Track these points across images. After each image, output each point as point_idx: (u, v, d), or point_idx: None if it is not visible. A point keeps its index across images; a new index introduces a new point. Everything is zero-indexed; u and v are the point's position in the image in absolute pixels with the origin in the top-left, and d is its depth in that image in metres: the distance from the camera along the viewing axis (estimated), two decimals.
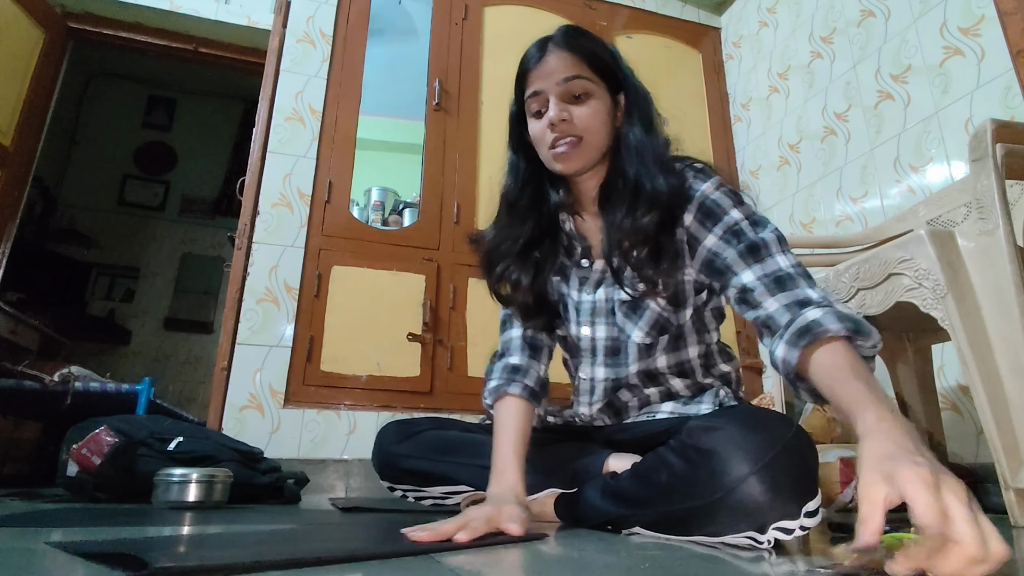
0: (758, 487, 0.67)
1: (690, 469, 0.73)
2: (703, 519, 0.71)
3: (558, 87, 0.92)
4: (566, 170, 0.95)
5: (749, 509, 0.67)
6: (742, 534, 0.69)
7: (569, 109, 0.92)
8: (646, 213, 0.88)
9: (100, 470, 1.34)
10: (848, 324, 0.69)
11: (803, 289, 0.78)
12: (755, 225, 0.87)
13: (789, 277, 0.80)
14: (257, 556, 0.57)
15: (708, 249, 0.88)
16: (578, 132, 0.92)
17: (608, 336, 0.99)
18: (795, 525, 0.68)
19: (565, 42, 0.94)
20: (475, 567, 0.59)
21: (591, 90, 0.93)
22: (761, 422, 0.73)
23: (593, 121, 0.92)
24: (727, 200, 0.89)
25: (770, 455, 0.67)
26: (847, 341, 0.69)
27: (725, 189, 0.90)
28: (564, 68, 0.92)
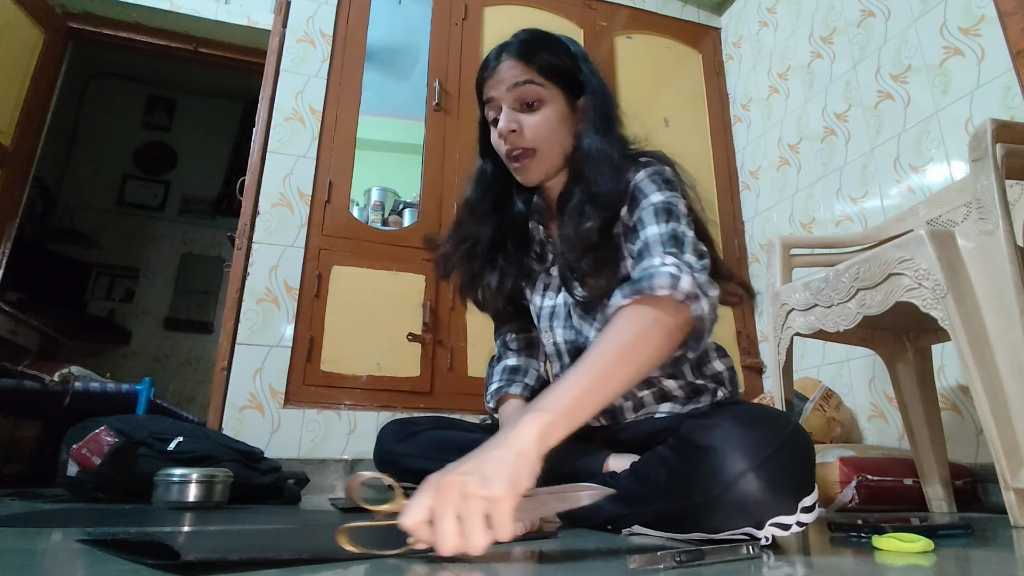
0: (756, 484, 0.67)
1: (688, 466, 0.73)
2: (701, 516, 0.71)
3: (509, 94, 0.92)
4: (525, 182, 0.95)
5: (747, 506, 0.68)
6: (739, 531, 0.69)
7: (519, 119, 0.92)
8: (589, 219, 0.88)
9: (100, 470, 1.34)
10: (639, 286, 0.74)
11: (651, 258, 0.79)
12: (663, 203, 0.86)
13: (646, 247, 0.81)
14: (266, 552, 0.57)
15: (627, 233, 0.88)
16: (528, 144, 0.92)
17: (567, 339, 1.00)
18: (792, 521, 0.68)
19: (517, 49, 0.94)
20: (475, 567, 0.59)
21: (543, 96, 0.92)
22: (758, 419, 0.74)
23: (544, 130, 0.92)
24: (652, 185, 0.87)
25: (767, 452, 0.68)
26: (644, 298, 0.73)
27: (654, 175, 0.88)
28: (514, 75, 0.92)
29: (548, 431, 0.60)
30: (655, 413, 0.99)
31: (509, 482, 0.54)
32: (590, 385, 0.66)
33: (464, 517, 0.53)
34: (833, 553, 0.72)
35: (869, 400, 1.96)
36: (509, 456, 0.57)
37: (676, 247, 0.80)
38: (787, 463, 0.69)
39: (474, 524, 0.52)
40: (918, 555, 0.68)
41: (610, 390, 0.68)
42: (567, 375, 0.67)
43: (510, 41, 0.96)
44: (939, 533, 0.84)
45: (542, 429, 0.60)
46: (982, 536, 0.89)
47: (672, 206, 0.85)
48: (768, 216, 2.55)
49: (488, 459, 0.57)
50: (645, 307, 0.74)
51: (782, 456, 0.68)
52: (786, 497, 0.68)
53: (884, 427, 1.90)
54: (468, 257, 1.01)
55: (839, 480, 1.47)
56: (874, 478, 1.46)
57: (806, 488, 0.70)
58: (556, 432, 0.61)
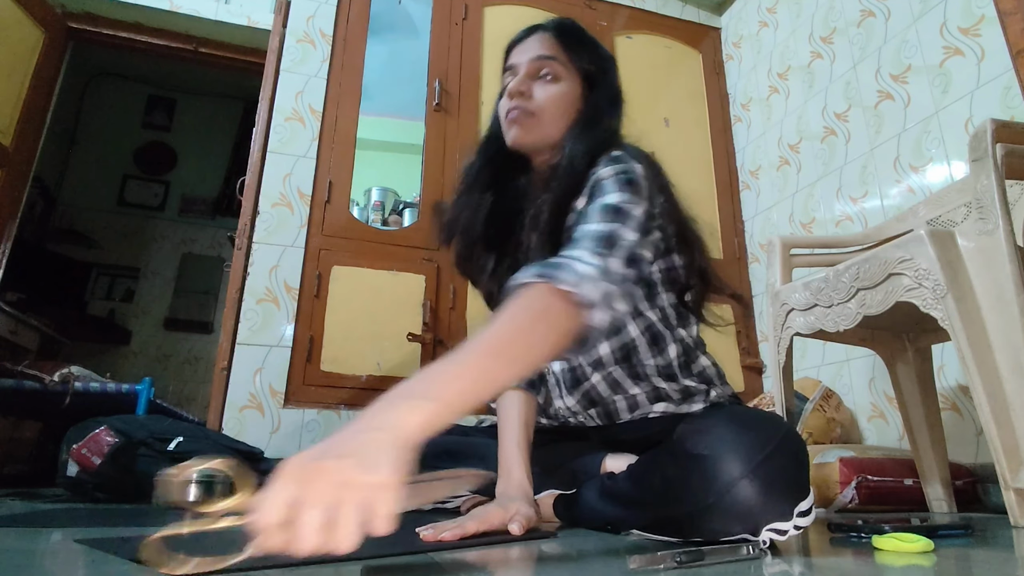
0: (750, 490, 0.66)
1: (682, 473, 0.73)
2: (697, 522, 0.71)
3: (530, 63, 0.93)
4: (515, 140, 0.93)
5: (742, 512, 0.67)
6: (736, 536, 0.69)
7: (532, 86, 0.93)
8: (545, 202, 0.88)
9: (100, 470, 1.34)
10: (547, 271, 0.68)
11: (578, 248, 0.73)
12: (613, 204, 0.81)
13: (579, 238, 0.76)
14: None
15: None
16: (532, 108, 0.92)
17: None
18: (788, 526, 0.68)
19: (553, 27, 0.97)
20: (475, 567, 0.59)
21: (561, 74, 0.93)
22: (752, 422, 0.73)
23: (550, 103, 0.92)
24: (612, 184, 0.81)
25: (761, 456, 0.67)
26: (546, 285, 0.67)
27: (619, 174, 0.82)
28: (541, 46, 0.94)
29: (430, 422, 0.53)
30: (649, 413, 0.98)
31: (393, 468, 0.47)
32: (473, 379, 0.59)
33: (340, 508, 0.44)
34: (833, 553, 0.72)
35: (869, 400, 1.96)
36: (390, 440, 0.49)
37: (606, 247, 0.73)
38: (781, 467, 0.68)
39: (350, 516, 0.44)
40: (918, 555, 0.68)
41: (493, 384, 0.62)
42: (448, 360, 0.60)
43: (547, 22, 0.98)
44: (939, 533, 0.84)
45: (425, 420, 0.52)
46: (982, 536, 0.89)
47: (624, 208, 0.78)
48: (768, 216, 2.55)
49: (367, 442, 0.48)
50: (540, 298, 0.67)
51: (776, 460, 0.68)
52: (781, 502, 0.68)
53: (884, 427, 1.90)
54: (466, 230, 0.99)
55: (839, 480, 1.47)
56: (874, 478, 1.46)
57: (801, 492, 0.69)
58: (437, 424, 0.53)
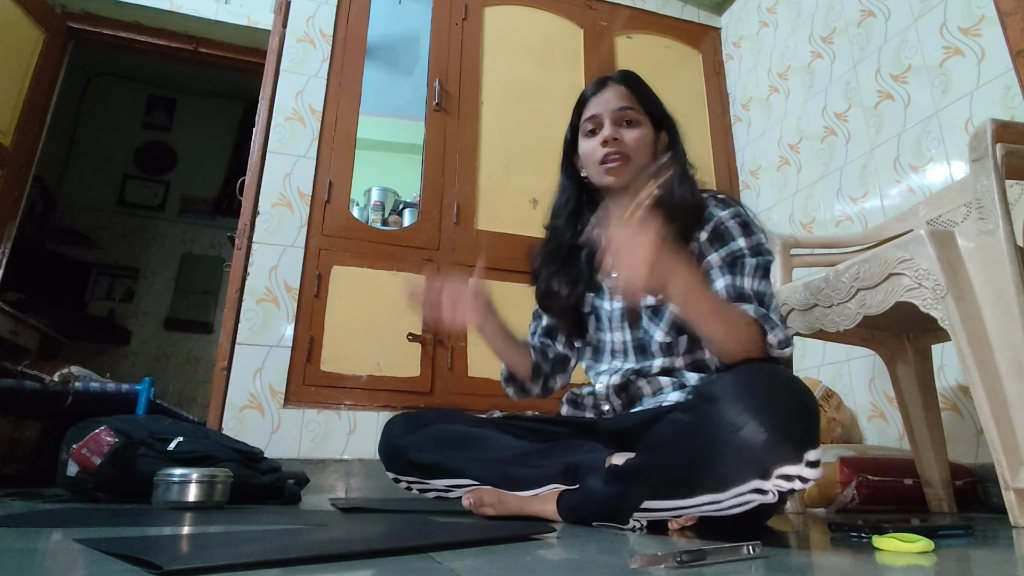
0: (758, 427, 0.70)
1: (693, 417, 0.78)
2: (707, 469, 0.74)
3: (613, 113, 1.11)
4: (614, 183, 1.09)
5: (753, 451, 0.70)
6: (747, 485, 0.70)
7: (620, 132, 1.10)
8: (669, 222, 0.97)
9: (100, 470, 1.34)
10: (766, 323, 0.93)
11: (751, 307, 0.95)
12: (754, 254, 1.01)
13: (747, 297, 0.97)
14: (260, 555, 0.57)
15: (710, 267, 1.02)
16: (627, 151, 1.09)
17: (635, 337, 1.11)
18: (797, 471, 0.70)
19: (624, 80, 1.15)
20: (475, 567, 0.59)
21: (640, 120, 1.11)
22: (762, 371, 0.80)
23: (640, 144, 1.10)
24: (738, 229, 1.02)
25: (768, 394, 0.72)
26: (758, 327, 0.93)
27: (740, 220, 1.03)
28: (619, 99, 1.12)
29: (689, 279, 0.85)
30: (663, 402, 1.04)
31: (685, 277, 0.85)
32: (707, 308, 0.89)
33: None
34: (833, 553, 0.72)
35: (869, 400, 1.96)
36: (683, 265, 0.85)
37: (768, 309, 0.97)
38: (790, 411, 0.72)
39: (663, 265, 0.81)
40: (918, 555, 0.68)
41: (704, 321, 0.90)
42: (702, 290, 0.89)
43: (614, 74, 1.17)
44: (939, 533, 0.84)
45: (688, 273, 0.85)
46: (982, 536, 0.89)
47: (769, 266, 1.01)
48: (768, 216, 2.55)
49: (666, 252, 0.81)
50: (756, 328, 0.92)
51: (783, 400, 0.72)
52: (790, 443, 0.70)
53: (884, 427, 1.90)
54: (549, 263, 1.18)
55: (840, 480, 1.47)
56: (874, 478, 1.46)
57: (810, 439, 0.72)
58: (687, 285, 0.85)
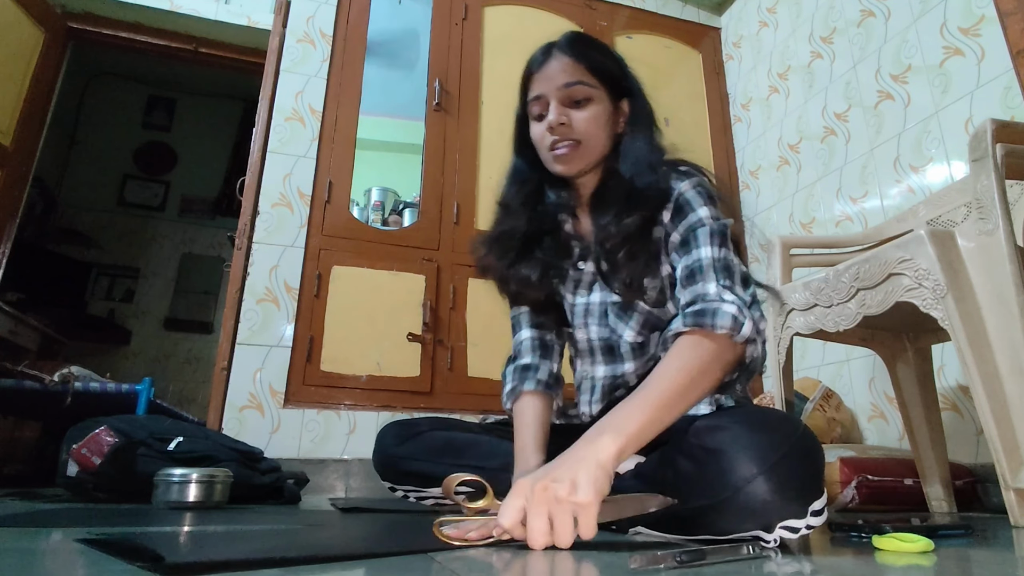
0: (765, 487, 0.66)
1: (696, 469, 0.73)
2: (709, 518, 0.71)
3: (559, 92, 0.95)
4: (565, 171, 0.98)
5: (756, 509, 0.67)
6: (748, 533, 0.69)
7: (569, 113, 0.95)
8: (630, 214, 0.91)
9: (100, 470, 1.34)
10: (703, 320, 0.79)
11: (706, 284, 0.84)
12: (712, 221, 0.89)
13: (700, 270, 0.85)
14: (260, 554, 0.57)
15: (672, 244, 0.92)
16: (576, 136, 0.95)
17: (601, 337, 1.01)
18: (801, 524, 0.68)
19: (569, 48, 0.97)
20: (475, 567, 0.59)
21: (592, 95, 0.96)
22: (768, 422, 0.73)
23: (591, 126, 0.95)
24: (698, 199, 0.91)
25: (777, 455, 0.67)
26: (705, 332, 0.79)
27: (700, 188, 0.92)
28: (566, 74, 0.95)
29: (622, 451, 0.68)
30: None
31: (594, 490, 0.63)
32: (655, 416, 0.73)
33: (555, 518, 0.62)
34: (833, 553, 0.72)
35: (869, 400, 1.96)
36: (593, 467, 0.65)
37: (728, 277, 0.84)
38: (797, 467, 0.68)
39: (565, 525, 0.62)
40: (918, 555, 0.68)
41: (670, 419, 0.74)
42: (637, 398, 0.74)
43: (559, 40, 0.99)
44: (939, 533, 0.84)
45: (619, 450, 0.68)
46: (982, 536, 0.89)
47: (726, 230, 0.88)
48: (768, 216, 2.55)
49: (574, 469, 0.65)
50: (706, 340, 0.79)
51: (792, 460, 0.68)
52: (795, 501, 0.68)
53: (884, 427, 1.90)
54: (504, 251, 1.03)
55: (839, 480, 1.47)
56: (874, 478, 1.46)
57: (815, 492, 0.69)
58: (627, 452, 0.69)
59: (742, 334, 0.78)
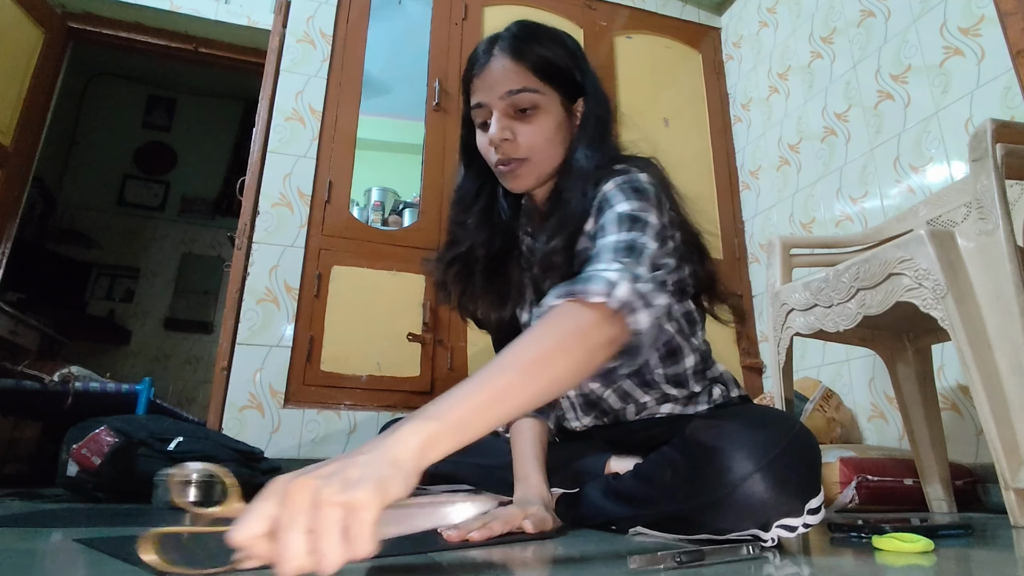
0: (762, 485, 0.66)
1: (694, 467, 0.73)
2: (707, 517, 0.71)
3: (502, 101, 0.85)
4: (514, 189, 0.90)
5: (753, 506, 0.67)
6: (746, 532, 0.69)
7: (513, 127, 0.85)
8: (555, 236, 0.84)
9: (100, 470, 1.34)
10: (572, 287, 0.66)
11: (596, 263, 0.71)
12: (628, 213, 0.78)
13: (597, 254, 0.73)
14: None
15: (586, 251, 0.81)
16: (521, 154, 0.85)
17: None
18: (798, 523, 0.68)
19: (512, 48, 0.86)
20: (475, 567, 0.59)
21: (538, 103, 0.85)
22: (764, 420, 0.73)
23: (538, 139, 0.86)
24: (619, 195, 0.79)
25: (774, 453, 0.67)
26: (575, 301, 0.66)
27: (624, 184, 0.80)
28: (508, 80, 0.84)
29: (432, 442, 0.50)
30: (656, 414, 0.99)
31: (376, 488, 0.45)
32: (490, 398, 0.56)
33: (317, 528, 0.42)
34: (833, 553, 0.72)
35: (869, 400, 1.96)
36: (380, 462, 0.48)
37: (629, 256, 0.71)
38: (793, 464, 0.68)
39: (328, 536, 0.42)
40: (918, 555, 0.68)
41: (513, 405, 0.58)
42: (466, 382, 0.57)
43: (502, 35, 0.88)
44: (939, 533, 0.84)
45: (426, 439, 0.50)
46: (982, 536, 0.89)
47: (639, 216, 0.76)
48: (768, 216, 2.55)
49: (354, 463, 0.47)
50: (571, 314, 0.65)
51: (788, 457, 0.68)
52: (792, 498, 0.68)
53: (884, 427, 1.90)
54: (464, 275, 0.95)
55: (839, 480, 1.47)
56: (874, 478, 1.46)
57: (812, 490, 0.70)
58: (441, 445, 0.51)
59: (615, 296, 0.65)
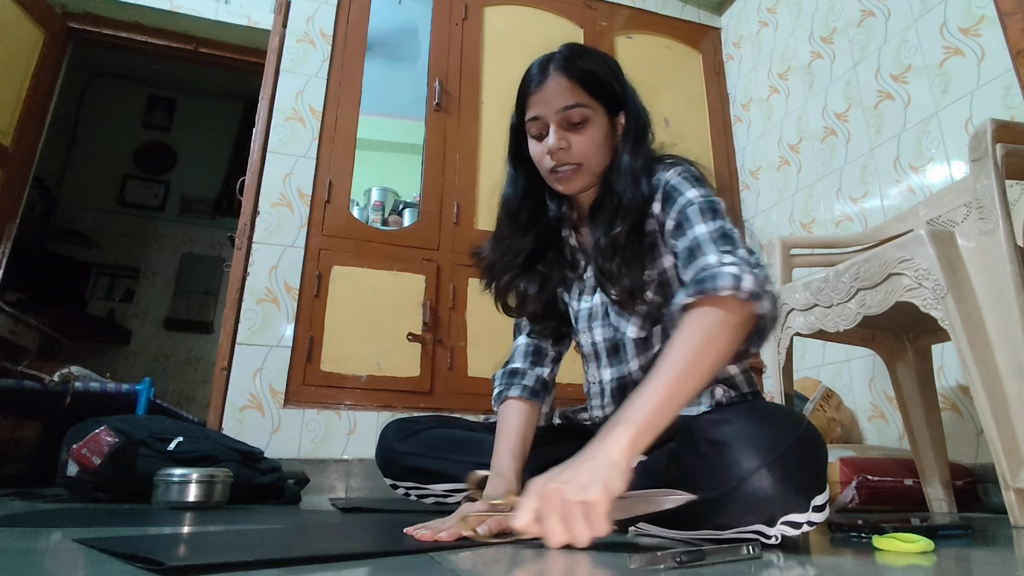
0: (768, 480, 0.67)
1: (700, 462, 0.73)
2: (712, 512, 0.71)
3: (557, 115, 0.95)
4: (566, 191, 1.00)
5: (759, 502, 0.68)
6: (750, 528, 0.69)
7: (568, 137, 0.95)
8: (620, 224, 0.93)
9: (100, 470, 1.34)
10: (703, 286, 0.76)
11: (706, 256, 0.81)
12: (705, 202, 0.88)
13: (697, 246, 0.84)
14: (260, 554, 0.57)
15: (667, 231, 0.92)
16: (576, 159, 0.95)
17: (606, 337, 1.03)
18: (803, 519, 0.69)
19: (565, 67, 0.96)
20: (475, 567, 0.59)
21: (589, 116, 0.95)
22: (772, 416, 0.74)
23: (591, 147, 0.96)
24: (685, 184, 0.91)
25: (780, 449, 0.68)
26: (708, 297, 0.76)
27: (685, 174, 0.92)
28: (563, 96, 0.94)
29: (635, 442, 0.67)
30: None
31: (603, 488, 0.62)
32: (667, 395, 0.70)
33: (567, 519, 0.62)
34: (833, 553, 0.72)
35: (869, 400, 1.96)
36: (602, 466, 0.64)
37: (728, 244, 0.82)
38: (799, 460, 0.69)
39: (576, 525, 0.62)
40: (918, 555, 0.68)
41: (685, 396, 0.72)
42: (647, 385, 0.71)
43: (555, 55, 0.98)
44: (939, 533, 0.84)
45: (631, 440, 0.67)
46: (982, 536, 0.89)
47: (715, 204, 0.88)
48: (768, 216, 2.55)
49: (583, 469, 0.65)
50: (710, 308, 0.76)
51: (795, 453, 0.69)
52: (798, 494, 0.68)
53: (884, 427, 1.90)
54: (510, 267, 1.04)
55: (840, 480, 1.47)
56: (874, 478, 1.46)
57: (818, 486, 0.70)
58: (642, 441, 0.68)
59: (744, 289, 0.75)
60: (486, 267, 1.07)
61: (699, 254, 0.83)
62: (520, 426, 1.00)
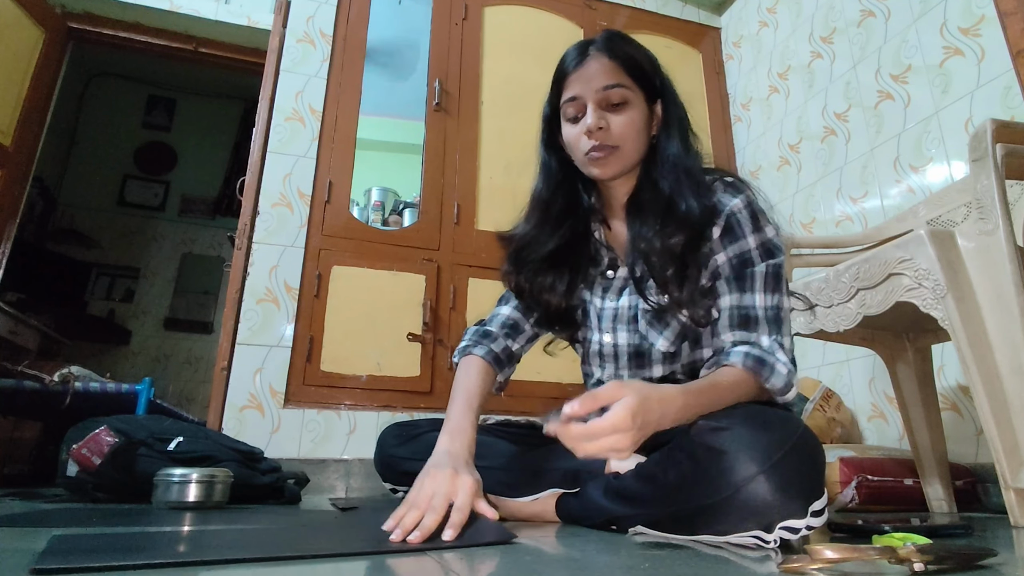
0: (766, 486, 0.67)
1: (698, 468, 0.73)
2: (710, 518, 0.71)
3: (597, 94, 0.92)
4: (601, 176, 0.96)
5: (757, 508, 0.68)
6: (748, 533, 0.69)
7: (607, 117, 0.93)
8: (675, 233, 0.89)
9: (100, 470, 1.34)
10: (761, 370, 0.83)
11: (759, 335, 0.86)
12: (764, 255, 0.89)
13: (754, 319, 0.87)
14: (260, 553, 0.57)
15: (718, 265, 0.91)
16: (614, 141, 0.93)
17: (630, 343, 0.99)
18: (801, 524, 0.68)
19: (607, 47, 0.94)
20: (473, 567, 0.59)
21: (629, 99, 0.93)
22: (769, 422, 0.74)
23: (630, 130, 0.93)
24: (749, 223, 0.90)
25: (778, 455, 0.68)
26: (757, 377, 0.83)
27: (752, 209, 0.91)
28: (604, 75, 0.92)
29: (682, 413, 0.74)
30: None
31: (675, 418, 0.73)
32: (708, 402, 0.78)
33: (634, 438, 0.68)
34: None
35: (869, 400, 1.96)
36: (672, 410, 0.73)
37: (779, 329, 0.87)
38: (797, 466, 0.69)
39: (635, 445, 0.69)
40: None
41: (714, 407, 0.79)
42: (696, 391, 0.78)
43: (596, 39, 0.96)
44: (939, 533, 0.84)
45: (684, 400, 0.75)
46: (982, 536, 0.89)
47: (779, 269, 0.89)
48: None
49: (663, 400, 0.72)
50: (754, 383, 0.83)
51: (793, 459, 0.68)
52: (796, 500, 0.68)
53: (884, 427, 1.90)
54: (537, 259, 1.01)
55: (840, 480, 1.47)
56: (874, 478, 1.46)
57: (816, 492, 0.70)
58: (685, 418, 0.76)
59: (786, 398, 0.85)
60: (512, 254, 1.04)
61: (752, 327, 0.87)
62: (480, 385, 0.98)
